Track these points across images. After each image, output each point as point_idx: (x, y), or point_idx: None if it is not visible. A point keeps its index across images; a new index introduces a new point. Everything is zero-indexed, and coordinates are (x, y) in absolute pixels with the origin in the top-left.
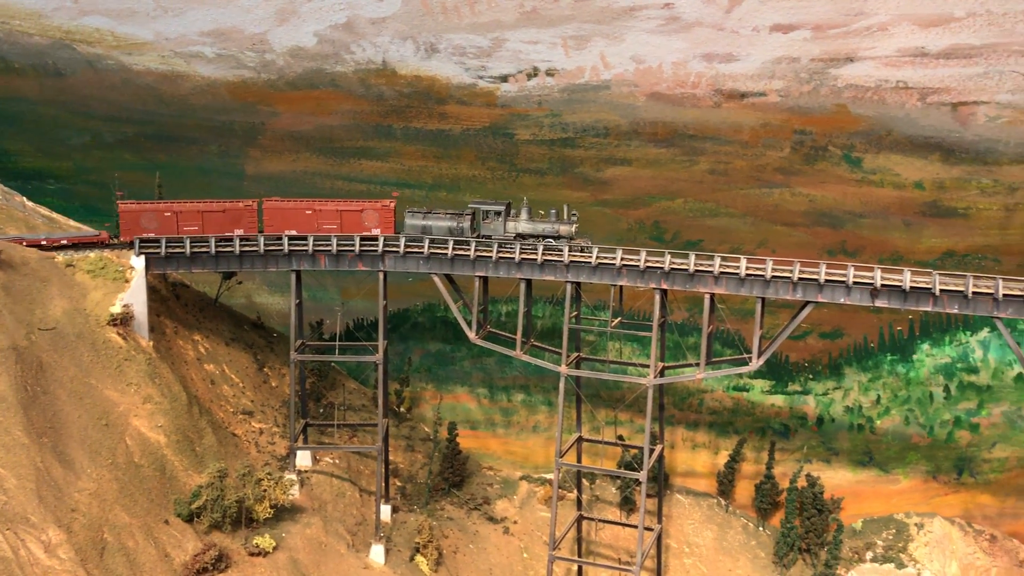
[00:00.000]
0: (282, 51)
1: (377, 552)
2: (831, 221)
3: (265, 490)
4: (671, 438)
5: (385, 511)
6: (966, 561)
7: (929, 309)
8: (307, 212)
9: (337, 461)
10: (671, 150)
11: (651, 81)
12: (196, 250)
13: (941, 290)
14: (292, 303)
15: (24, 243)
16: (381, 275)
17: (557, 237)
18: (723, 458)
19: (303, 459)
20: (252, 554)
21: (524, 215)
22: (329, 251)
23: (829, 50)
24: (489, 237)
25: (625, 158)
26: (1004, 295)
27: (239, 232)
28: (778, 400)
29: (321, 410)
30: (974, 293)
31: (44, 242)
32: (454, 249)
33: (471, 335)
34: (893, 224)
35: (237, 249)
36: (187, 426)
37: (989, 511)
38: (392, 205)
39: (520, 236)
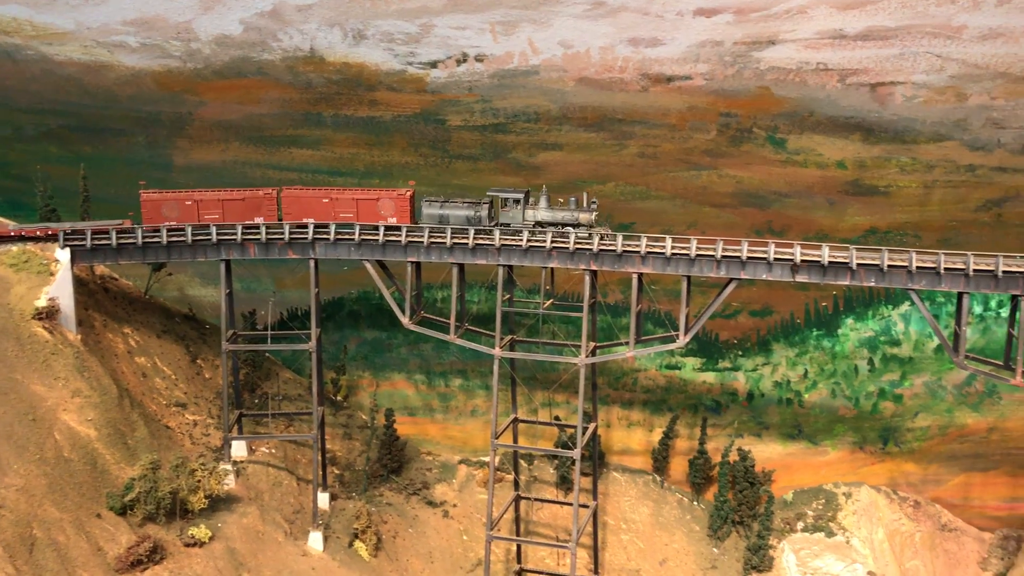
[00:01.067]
0: (208, 39)
1: (315, 539)
2: (758, 201)
3: (199, 481)
4: (607, 417)
5: (323, 499)
6: (892, 527)
7: (847, 283)
8: (324, 200)
9: (273, 451)
10: (601, 134)
11: (579, 66)
12: (123, 242)
13: (858, 264)
14: (223, 293)
15: None
16: (312, 263)
17: (577, 225)
18: (658, 435)
19: (238, 449)
20: (188, 545)
21: (543, 203)
22: (258, 239)
23: (751, 33)
24: (508, 225)
25: (556, 143)
26: (917, 267)
27: (259, 220)
28: (709, 377)
29: (256, 400)
30: (889, 266)
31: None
32: (384, 235)
33: (405, 321)
34: (817, 203)
35: (164, 239)
36: (118, 419)
37: (913, 478)
38: (409, 194)
39: (539, 224)
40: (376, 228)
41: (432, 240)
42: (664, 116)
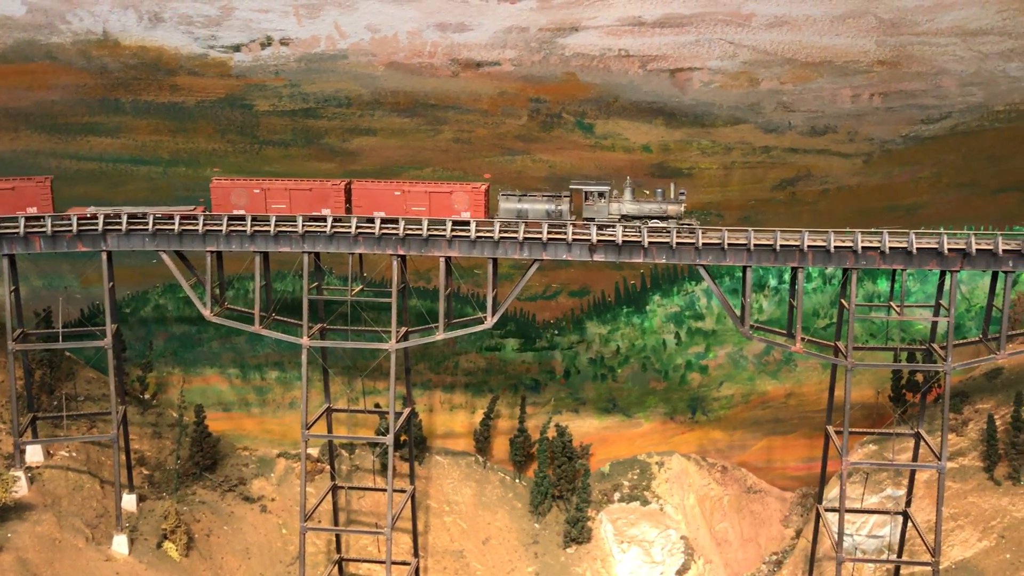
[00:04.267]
0: None
1: (120, 542)
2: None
3: None
4: (430, 402)
5: (130, 500)
6: (702, 492)
7: (640, 260)
8: (395, 194)
9: (75, 454)
10: (415, 119)
11: (388, 50)
12: None
13: (650, 243)
14: (7, 290)
15: None
16: (104, 255)
17: (665, 217)
18: (480, 417)
19: (33, 454)
20: None
21: (628, 195)
22: (44, 232)
23: (555, 20)
24: (592, 220)
25: (370, 128)
26: (704, 244)
27: (326, 211)
28: (528, 357)
29: (55, 402)
30: (678, 244)
31: None
32: (180, 224)
33: (206, 313)
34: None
35: None
36: None
37: (720, 445)
38: (484, 188)
39: (625, 217)
40: (172, 218)
41: (240, 228)
42: (476, 101)
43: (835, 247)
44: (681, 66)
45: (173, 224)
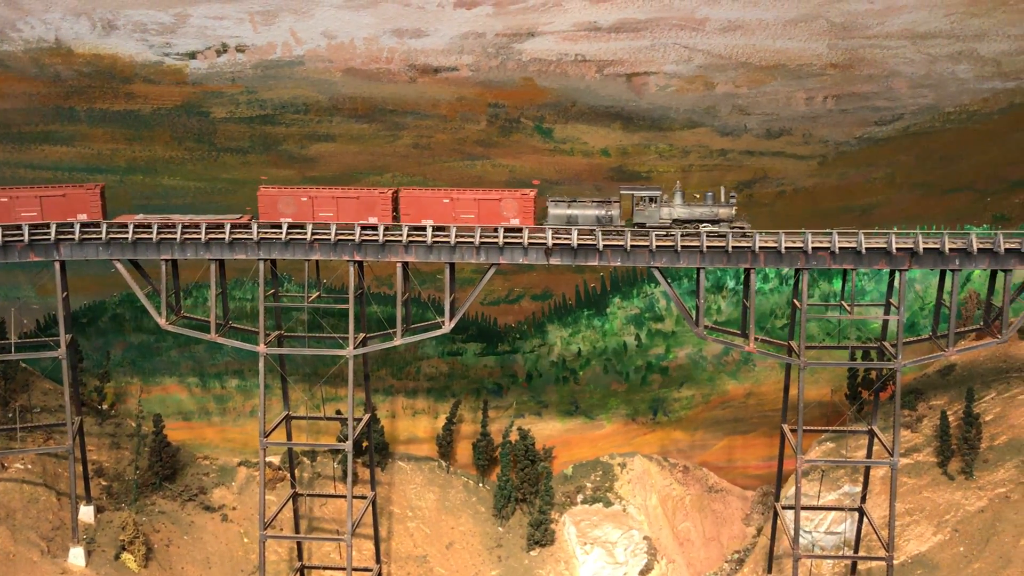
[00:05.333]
0: None
1: (76, 555)
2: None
3: None
4: (392, 408)
5: (88, 512)
6: (664, 493)
7: (595, 263)
8: (444, 201)
9: (30, 466)
10: (373, 125)
11: (345, 56)
12: None
13: (604, 245)
14: None
15: None
16: (57, 265)
17: (716, 221)
18: (442, 422)
19: None
20: None
21: (678, 199)
22: None
23: (511, 25)
24: (643, 225)
25: (329, 134)
26: (657, 246)
27: (373, 219)
28: (490, 361)
29: (10, 414)
30: (632, 246)
31: None
32: (134, 232)
33: (161, 322)
34: (586, 190)
35: None
36: None
37: (681, 445)
38: (533, 194)
39: (677, 222)
40: (125, 226)
41: (195, 236)
42: (435, 107)
43: (786, 248)
44: (637, 70)
45: (127, 233)
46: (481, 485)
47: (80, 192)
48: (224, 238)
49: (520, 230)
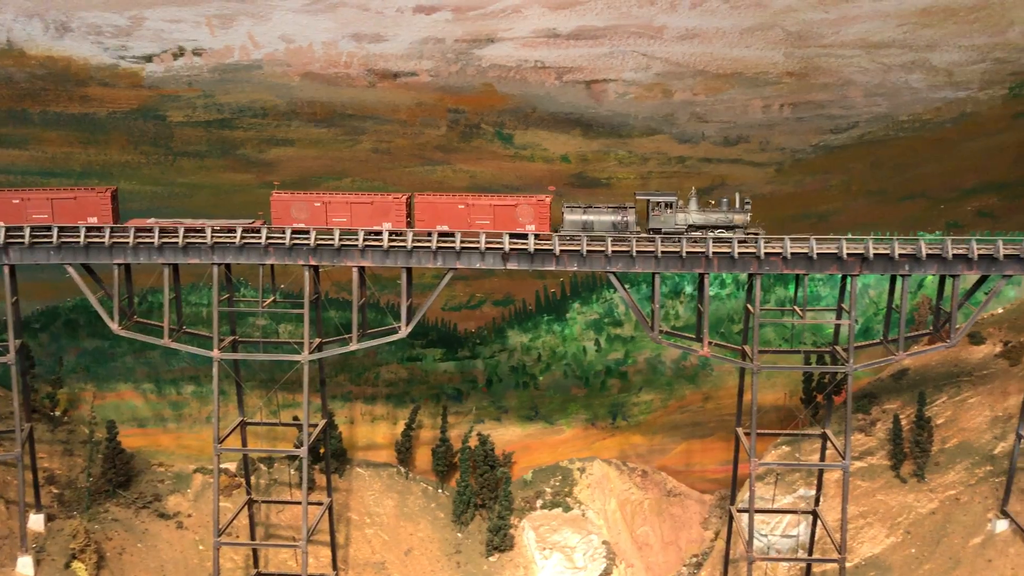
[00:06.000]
0: None
1: (24, 564)
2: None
3: None
4: (351, 414)
5: (38, 520)
6: (623, 497)
7: (553, 268)
8: (459, 207)
9: None
10: (332, 130)
11: (303, 61)
12: None
13: (561, 250)
14: None
15: None
16: (7, 269)
17: (731, 227)
18: (401, 428)
19: None
20: None
21: (693, 205)
22: None
23: (471, 31)
24: (659, 231)
25: (287, 138)
26: (613, 251)
27: (387, 225)
28: (450, 366)
29: None
30: (588, 252)
31: None
32: (86, 236)
33: (114, 327)
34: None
35: None
36: None
37: (640, 449)
38: (548, 200)
39: (692, 227)
40: (77, 229)
41: (148, 240)
42: (394, 112)
43: (739, 253)
44: (596, 77)
45: (78, 236)
46: (440, 491)
47: (91, 195)
48: (178, 242)
49: (477, 235)
